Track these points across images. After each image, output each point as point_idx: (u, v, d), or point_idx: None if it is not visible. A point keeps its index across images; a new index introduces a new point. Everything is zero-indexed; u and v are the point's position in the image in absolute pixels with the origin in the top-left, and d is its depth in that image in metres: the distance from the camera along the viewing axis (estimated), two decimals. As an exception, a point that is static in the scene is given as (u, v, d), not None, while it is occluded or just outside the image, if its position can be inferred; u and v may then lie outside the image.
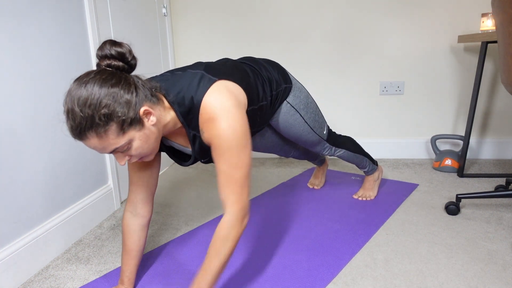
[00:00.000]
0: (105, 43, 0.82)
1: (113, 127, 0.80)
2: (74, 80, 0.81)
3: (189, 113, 0.93)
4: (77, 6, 1.44)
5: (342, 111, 2.34)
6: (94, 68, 1.54)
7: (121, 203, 1.78)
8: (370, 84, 2.27)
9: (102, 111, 0.77)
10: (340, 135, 1.58)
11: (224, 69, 1.00)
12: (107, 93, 0.78)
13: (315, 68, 2.29)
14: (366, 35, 2.20)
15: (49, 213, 1.30)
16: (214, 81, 0.93)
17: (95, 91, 0.78)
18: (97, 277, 1.19)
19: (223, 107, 0.89)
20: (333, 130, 1.57)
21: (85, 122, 0.78)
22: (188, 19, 2.33)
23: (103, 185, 1.63)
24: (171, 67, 2.34)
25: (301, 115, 1.34)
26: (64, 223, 1.36)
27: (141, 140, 0.85)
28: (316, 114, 1.40)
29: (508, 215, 1.49)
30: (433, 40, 2.15)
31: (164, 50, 2.25)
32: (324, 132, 1.46)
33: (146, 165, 1.07)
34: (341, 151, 1.55)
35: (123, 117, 0.80)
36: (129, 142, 0.84)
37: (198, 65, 1.01)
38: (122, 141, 0.82)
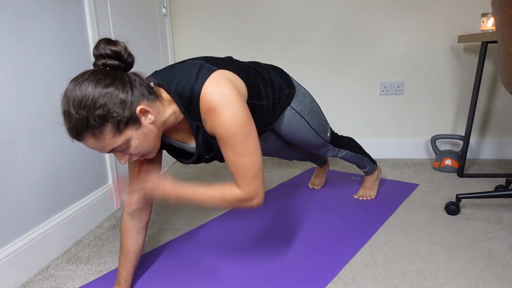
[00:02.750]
0: (100, 41, 0.82)
1: (108, 128, 0.80)
2: (70, 80, 0.82)
3: (189, 104, 0.93)
4: (77, 6, 1.44)
5: (342, 111, 2.34)
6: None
7: (121, 203, 1.78)
8: (370, 84, 2.27)
9: (97, 112, 0.78)
10: (341, 136, 1.57)
11: (223, 61, 1.00)
12: (101, 94, 0.78)
13: (315, 68, 2.29)
14: (366, 35, 2.20)
15: (49, 213, 1.30)
16: (213, 70, 0.92)
17: (90, 92, 0.78)
18: (97, 277, 1.19)
19: (223, 96, 0.88)
20: (334, 131, 1.57)
21: (80, 124, 0.78)
22: (188, 19, 2.33)
23: (103, 185, 1.63)
24: (171, 67, 2.34)
25: (306, 120, 1.33)
26: (64, 223, 1.36)
27: (139, 139, 0.85)
28: (321, 118, 1.40)
29: (508, 215, 1.49)
30: (433, 40, 2.15)
31: (164, 50, 2.25)
32: (328, 135, 1.45)
33: (146, 165, 1.06)
34: (343, 152, 1.55)
35: (118, 118, 0.80)
36: (127, 142, 0.84)
37: (197, 58, 1.01)
38: (119, 141, 0.82)
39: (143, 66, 1.97)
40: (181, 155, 1.12)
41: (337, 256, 1.24)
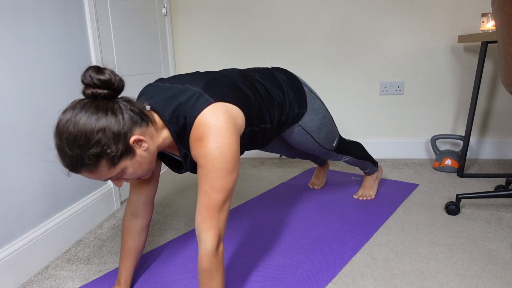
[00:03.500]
0: (87, 70, 0.80)
1: (103, 163, 0.80)
2: (61, 112, 0.80)
3: (182, 132, 0.92)
4: (77, 6, 1.44)
5: (342, 111, 2.34)
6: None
7: (121, 203, 1.78)
8: (370, 84, 2.27)
9: (91, 151, 0.77)
10: (349, 141, 1.55)
11: (224, 88, 0.96)
12: (94, 130, 0.77)
13: (315, 68, 2.29)
14: (366, 35, 2.20)
15: (49, 213, 1.30)
16: (210, 103, 0.89)
17: (82, 129, 0.76)
18: (97, 277, 1.19)
19: (214, 128, 0.86)
20: (342, 137, 1.54)
21: (75, 162, 0.78)
22: (188, 19, 2.33)
23: (103, 185, 1.63)
24: (171, 67, 2.34)
25: (312, 137, 1.33)
26: (64, 223, 1.36)
27: (133, 167, 0.85)
28: (329, 132, 1.37)
29: (508, 215, 1.49)
30: (433, 40, 2.15)
31: (164, 50, 2.25)
32: (334, 144, 1.44)
33: None
34: (346, 158, 1.55)
35: (113, 154, 0.79)
36: (122, 171, 0.84)
37: (199, 79, 0.97)
38: (114, 172, 0.83)
39: (143, 66, 1.97)
40: (175, 164, 1.11)
41: (337, 256, 1.24)
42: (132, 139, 0.82)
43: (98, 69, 0.80)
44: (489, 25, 1.87)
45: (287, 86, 1.20)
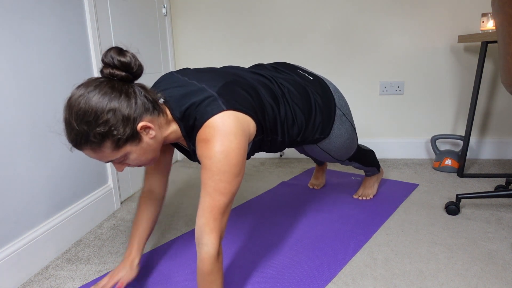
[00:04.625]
0: (109, 50, 0.81)
1: (108, 144, 0.80)
2: (76, 87, 0.81)
3: (191, 130, 0.93)
4: (77, 6, 1.44)
5: (342, 111, 2.33)
6: (95, 69, 1.54)
7: (121, 203, 1.78)
8: (370, 84, 2.27)
9: (97, 129, 0.78)
10: (363, 150, 1.52)
11: (239, 95, 0.94)
12: (104, 109, 0.78)
13: (315, 68, 2.29)
14: (366, 35, 2.20)
15: (49, 213, 1.30)
16: (221, 110, 0.88)
17: (93, 106, 0.77)
18: (97, 277, 1.19)
19: (221, 131, 0.86)
20: (359, 146, 1.51)
21: (80, 137, 0.79)
22: (188, 19, 2.33)
23: (103, 185, 1.63)
24: (171, 67, 2.34)
25: (330, 155, 1.33)
26: (64, 223, 1.36)
27: (137, 153, 0.86)
28: (349, 149, 1.36)
29: (508, 215, 1.49)
30: (433, 40, 2.15)
31: (164, 50, 2.25)
32: (350, 155, 1.43)
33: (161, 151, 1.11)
34: (355, 164, 1.54)
35: (118, 136, 0.80)
36: (125, 155, 0.85)
37: (217, 80, 0.95)
38: (117, 155, 0.83)
39: (143, 66, 1.97)
40: (187, 151, 1.12)
41: (337, 256, 1.24)
42: (140, 125, 0.83)
43: (120, 51, 0.81)
44: (489, 25, 1.87)
45: (318, 110, 1.18)
